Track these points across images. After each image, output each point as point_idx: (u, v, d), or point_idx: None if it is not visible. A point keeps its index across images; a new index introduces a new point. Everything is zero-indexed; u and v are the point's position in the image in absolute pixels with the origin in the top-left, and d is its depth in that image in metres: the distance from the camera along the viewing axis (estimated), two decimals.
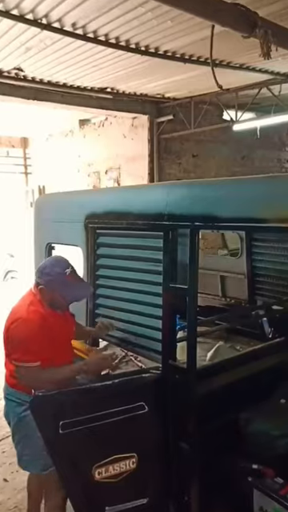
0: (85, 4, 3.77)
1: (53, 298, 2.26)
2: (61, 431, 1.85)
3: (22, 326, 2.14)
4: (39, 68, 5.66)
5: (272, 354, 2.62)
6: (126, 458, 1.94)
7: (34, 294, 2.29)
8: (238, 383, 2.27)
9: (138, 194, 2.76)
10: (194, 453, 2.01)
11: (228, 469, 2.04)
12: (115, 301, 2.63)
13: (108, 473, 1.93)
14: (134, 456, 1.95)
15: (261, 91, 6.78)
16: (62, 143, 10.35)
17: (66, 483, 1.99)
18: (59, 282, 2.24)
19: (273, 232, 3.02)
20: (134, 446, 1.94)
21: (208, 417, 2.04)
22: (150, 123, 7.96)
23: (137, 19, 4.04)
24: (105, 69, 5.67)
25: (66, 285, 2.25)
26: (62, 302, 2.31)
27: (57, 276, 2.24)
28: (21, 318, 2.16)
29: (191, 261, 2.12)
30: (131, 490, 1.97)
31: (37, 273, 2.32)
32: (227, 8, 2.81)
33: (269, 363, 2.52)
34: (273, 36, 2.72)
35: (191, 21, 3.95)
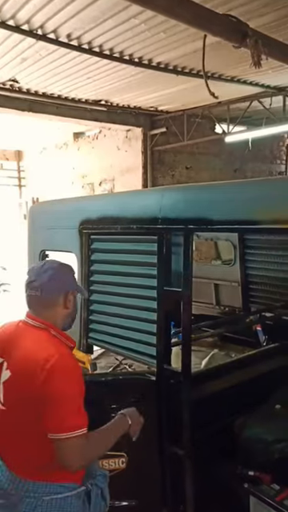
0: (79, 15, 3.85)
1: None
2: None
3: (63, 375, 1.45)
4: (34, 79, 5.73)
5: (266, 360, 2.61)
6: (116, 457, 1.92)
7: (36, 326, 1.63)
8: (232, 389, 2.25)
9: (132, 198, 2.77)
10: (188, 458, 1.98)
11: (224, 475, 2.00)
12: (110, 306, 2.61)
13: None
14: (123, 456, 1.92)
15: (252, 104, 6.92)
16: (56, 156, 10.42)
17: None
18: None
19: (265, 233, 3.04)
20: (124, 446, 1.90)
21: (203, 422, 2.02)
22: (143, 135, 8.07)
23: (130, 30, 4.13)
24: (99, 81, 5.75)
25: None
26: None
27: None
28: (55, 364, 1.44)
29: (185, 264, 2.12)
30: (119, 489, 1.92)
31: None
32: (219, 18, 2.89)
33: (263, 369, 2.51)
34: (263, 46, 2.79)
35: (183, 32, 4.05)
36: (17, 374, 1.51)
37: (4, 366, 1.57)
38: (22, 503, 1.49)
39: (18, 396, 1.50)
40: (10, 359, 1.56)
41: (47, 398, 1.41)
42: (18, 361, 1.52)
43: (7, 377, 1.53)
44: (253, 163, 9.52)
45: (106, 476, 1.69)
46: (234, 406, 2.13)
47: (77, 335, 2.88)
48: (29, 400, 1.46)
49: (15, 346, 1.57)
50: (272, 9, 3.70)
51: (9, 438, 1.56)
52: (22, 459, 1.52)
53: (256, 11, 3.69)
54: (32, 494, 1.49)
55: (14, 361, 1.54)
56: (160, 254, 2.21)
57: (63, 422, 1.41)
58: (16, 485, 1.50)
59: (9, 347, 1.59)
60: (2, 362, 1.59)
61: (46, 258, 3.45)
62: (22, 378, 1.48)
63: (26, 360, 1.49)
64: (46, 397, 1.41)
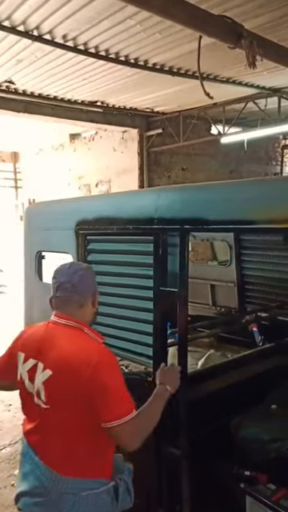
0: (75, 16, 3.85)
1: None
2: None
3: (108, 369, 1.54)
4: (30, 81, 5.73)
5: (262, 360, 2.61)
6: None
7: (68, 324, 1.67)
8: (228, 389, 2.25)
9: (128, 199, 2.77)
10: (184, 459, 1.97)
11: (220, 475, 2.00)
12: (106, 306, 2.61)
13: None
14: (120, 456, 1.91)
15: (247, 106, 6.95)
16: (52, 157, 10.41)
17: None
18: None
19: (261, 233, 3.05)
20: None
21: (199, 422, 2.02)
22: (139, 137, 8.08)
23: (126, 31, 4.14)
24: (95, 82, 5.76)
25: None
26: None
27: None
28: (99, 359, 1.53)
29: (181, 264, 2.12)
30: None
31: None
32: (214, 19, 2.90)
33: (259, 369, 2.51)
34: (258, 47, 2.80)
35: (179, 33, 4.07)
36: (59, 372, 1.53)
37: (39, 366, 1.59)
38: (62, 500, 1.53)
39: (62, 394, 1.53)
40: (46, 360, 1.58)
41: (98, 392, 1.48)
42: (58, 360, 1.55)
43: (47, 376, 1.55)
44: (248, 164, 9.56)
45: (131, 471, 1.74)
46: (231, 406, 2.13)
47: None
48: (75, 396, 1.50)
49: (51, 346, 1.59)
50: (267, 10, 3.72)
51: (50, 436, 1.58)
52: (63, 456, 1.56)
53: (251, 12, 3.71)
54: (71, 490, 1.53)
55: (52, 360, 1.56)
56: (156, 254, 2.21)
57: (118, 409, 1.49)
58: (56, 482, 1.54)
59: (43, 348, 1.61)
60: (36, 363, 1.60)
61: (42, 259, 3.45)
62: (65, 376, 1.52)
63: (68, 359, 1.53)
64: (97, 391, 1.48)
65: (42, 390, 1.56)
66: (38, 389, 1.58)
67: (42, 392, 1.56)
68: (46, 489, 1.55)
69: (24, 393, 1.67)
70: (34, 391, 1.60)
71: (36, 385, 1.59)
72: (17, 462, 3.48)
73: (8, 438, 3.90)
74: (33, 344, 1.66)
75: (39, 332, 1.69)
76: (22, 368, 1.66)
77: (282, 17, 3.89)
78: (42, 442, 1.60)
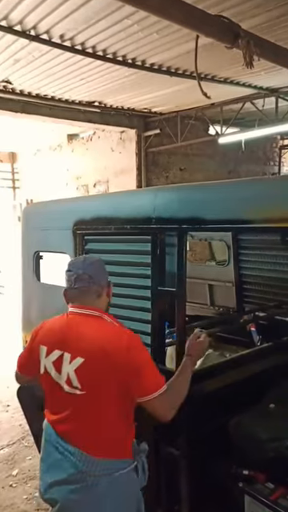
0: (72, 15, 3.85)
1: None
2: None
3: (139, 349, 1.66)
4: (27, 81, 5.72)
5: (260, 360, 2.61)
6: None
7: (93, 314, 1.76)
8: (227, 388, 2.25)
9: (126, 199, 2.77)
10: (183, 458, 1.97)
11: (218, 474, 1.99)
12: None
13: None
14: None
15: (245, 106, 6.96)
16: (50, 157, 10.40)
17: None
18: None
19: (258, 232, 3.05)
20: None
21: (197, 422, 2.01)
22: (137, 137, 8.08)
23: (123, 31, 4.14)
24: (92, 82, 5.75)
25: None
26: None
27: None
28: (130, 342, 1.65)
29: (179, 264, 2.12)
30: None
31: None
32: (211, 19, 2.90)
33: (257, 368, 2.51)
34: (255, 46, 2.80)
35: (176, 33, 4.07)
36: (92, 358, 1.61)
37: (66, 356, 1.66)
38: (98, 482, 1.61)
39: (97, 378, 1.62)
40: (74, 349, 1.64)
41: (133, 371, 1.60)
42: (89, 347, 1.62)
43: (79, 364, 1.62)
44: (246, 165, 9.56)
45: (147, 450, 1.82)
46: (229, 406, 2.13)
47: None
48: (110, 379, 1.60)
49: (76, 335, 1.67)
50: (264, 10, 3.72)
51: (83, 421, 1.66)
52: (96, 440, 1.65)
53: (248, 12, 3.71)
54: (105, 471, 1.62)
55: (83, 348, 1.63)
56: (154, 253, 2.21)
57: (152, 384, 1.62)
58: (92, 465, 1.62)
59: (67, 339, 1.68)
60: (62, 353, 1.67)
61: (40, 260, 3.45)
62: (100, 361, 1.60)
63: (100, 345, 1.62)
64: (133, 370, 1.60)
65: (74, 377, 1.63)
66: (70, 377, 1.64)
67: (75, 379, 1.63)
68: (83, 474, 1.61)
69: (50, 384, 1.72)
70: (62, 381, 1.66)
71: (65, 374, 1.65)
72: (15, 463, 3.49)
73: (6, 439, 3.89)
74: (55, 336, 1.72)
75: (59, 324, 1.76)
76: (45, 360, 1.71)
77: (279, 17, 3.89)
78: (75, 429, 1.66)
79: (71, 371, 1.64)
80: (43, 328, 1.82)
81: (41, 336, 1.79)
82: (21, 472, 3.35)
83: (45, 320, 1.88)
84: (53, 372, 1.69)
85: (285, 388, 2.33)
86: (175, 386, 1.73)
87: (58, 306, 3.09)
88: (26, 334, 3.52)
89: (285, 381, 2.37)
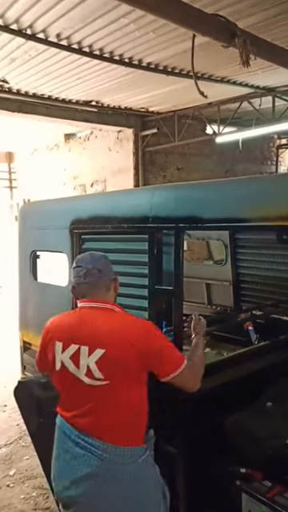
0: (69, 14, 3.84)
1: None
2: (42, 419, 1.89)
3: (155, 333, 1.74)
4: (24, 80, 5.70)
5: (257, 358, 2.62)
6: None
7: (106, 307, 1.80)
8: (224, 387, 2.25)
9: (123, 198, 2.77)
10: (181, 457, 1.97)
11: (216, 473, 2.00)
12: None
13: None
14: None
15: (242, 105, 6.97)
16: (47, 157, 10.38)
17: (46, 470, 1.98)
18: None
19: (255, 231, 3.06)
20: None
21: (195, 420, 2.01)
22: (134, 136, 8.08)
23: (120, 30, 4.14)
24: (89, 81, 5.74)
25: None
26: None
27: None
28: (146, 328, 1.73)
29: (176, 262, 2.12)
30: None
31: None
32: (208, 18, 2.90)
33: (254, 367, 2.51)
34: (251, 45, 2.81)
35: (173, 33, 4.07)
36: (113, 348, 1.65)
37: (83, 349, 1.67)
38: (126, 470, 1.65)
39: (119, 367, 1.65)
40: (90, 341, 1.67)
41: (155, 354, 1.67)
42: (106, 338, 1.66)
43: (100, 355, 1.64)
44: (244, 164, 9.58)
45: (154, 437, 1.87)
46: (226, 404, 2.13)
47: None
48: (131, 367, 1.66)
49: (92, 328, 1.70)
50: (260, 9, 3.73)
51: (108, 410, 1.68)
52: (119, 429, 1.69)
53: (244, 11, 3.71)
54: (130, 459, 1.67)
55: (100, 340, 1.66)
56: (151, 252, 2.21)
57: (175, 362, 1.70)
58: (117, 455, 1.66)
59: (83, 332, 1.70)
60: (79, 347, 1.68)
61: (36, 259, 3.44)
62: (121, 351, 1.64)
63: (119, 335, 1.67)
64: (154, 353, 1.67)
65: (95, 369, 1.65)
66: (90, 369, 1.66)
67: (97, 370, 1.65)
68: (110, 465, 1.64)
69: (68, 380, 1.71)
70: (82, 374, 1.67)
71: (84, 367, 1.66)
72: (12, 463, 3.48)
73: (3, 439, 3.88)
74: (70, 331, 1.74)
75: (72, 319, 1.79)
76: (62, 356, 1.72)
77: (275, 16, 3.89)
78: (97, 421, 1.68)
79: (91, 363, 1.66)
80: (53, 324, 1.84)
81: (53, 332, 1.80)
82: (18, 472, 3.34)
83: (53, 317, 1.89)
84: (71, 367, 1.70)
85: (282, 386, 2.33)
86: (194, 359, 1.82)
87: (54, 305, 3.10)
88: (23, 332, 3.52)
89: (282, 379, 2.38)
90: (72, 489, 1.67)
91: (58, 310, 3.03)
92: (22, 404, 2.12)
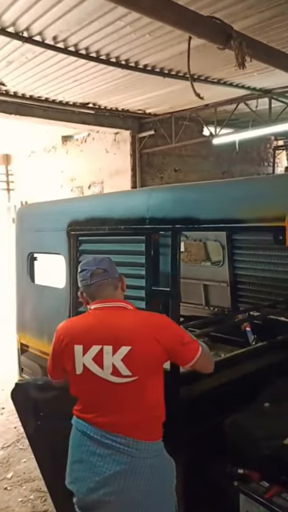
0: (65, 17, 3.85)
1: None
2: (39, 422, 1.87)
3: (172, 324, 1.81)
4: (21, 82, 5.71)
5: (255, 359, 2.62)
6: None
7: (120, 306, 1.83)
8: (222, 388, 2.25)
9: (120, 199, 2.77)
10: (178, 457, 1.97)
11: (213, 474, 2.00)
12: None
13: None
14: None
15: (239, 107, 6.99)
16: (44, 159, 10.38)
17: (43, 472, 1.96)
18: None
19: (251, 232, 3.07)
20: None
21: (192, 421, 2.01)
22: (131, 138, 8.09)
23: (116, 33, 4.15)
24: (86, 83, 5.75)
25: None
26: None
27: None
28: (163, 320, 1.82)
29: (173, 263, 2.12)
30: None
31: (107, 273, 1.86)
32: (203, 20, 2.92)
33: (252, 367, 2.52)
34: (247, 47, 2.82)
35: (169, 35, 4.08)
36: (138, 344, 1.69)
37: (106, 349, 1.69)
38: (154, 464, 1.69)
39: (146, 360, 1.70)
40: (112, 341, 1.69)
41: (177, 344, 1.74)
42: (130, 335, 1.70)
43: (126, 352, 1.67)
44: (241, 165, 9.61)
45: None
46: (224, 405, 2.14)
47: None
48: (158, 358, 1.72)
49: (111, 328, 1.73)
50: (256, 11, 3.74)
51: (135, 406, 1.71)
52: (147, 423, 1.72)
53: (240, 13, 3.73)
54: (157, 452, 1.72)
55: (123, 337, 1.69)
56: (148, 253, 2.21)
57: (193, 347, 1.77)
58: (146, 450, 1.70)
59: (103, 332, 1.72)
60: (101, 347, 1.70)
61: (34, 261, 3.44)
62: (146, 345, 1.69)
63: (140, 330, 1.73)
64: (176, 343, 1.74)
65: (122, 366, 1.68)
66: (116, 367, 1.68)
67: (124, 368, 1.68)
68: (140, 460, 1.67)
69: (92, 381, 1.72)
70: (107, 374, 1.69)
71: (109, 366, 1.69)
72: (10, 466, 3.47)
73: (1, 442, 3.87)
74: (89, 333, 1.74)
75: (88, 321, 1.79)
76: (84, 359, 1.71)
77: (271, 18, 3.91)
78: (123, 418, 1.70)
79: (117, 361, 1.68)
80: (67, 329, 1.82)
81: (69, 337, 1.77)
82: (16, 475, 3.33)
83: (62, 324, 1.86)
84: (95, 368, 1.71)
85: (279, 387, 2.34)
86: (202, 345, 1.87)
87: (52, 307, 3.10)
88: (20, 335, 3.51)
89: (279, 380, 2.38)
90: (100, 489, 1.66)
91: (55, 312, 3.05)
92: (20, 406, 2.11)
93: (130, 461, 1.67)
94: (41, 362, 3.22)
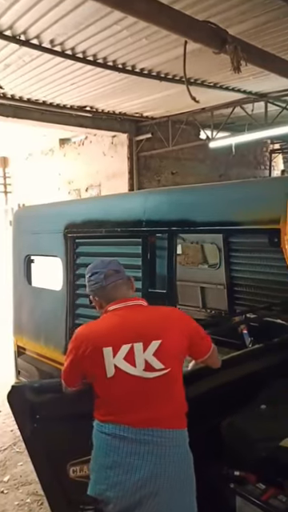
0: (62, 21, 3.87)
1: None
2: (36, 425, 1.87)
3: (188, 316, 1.91)
4: (18, 85, 5.72)
5: (251, 361, 2.63)
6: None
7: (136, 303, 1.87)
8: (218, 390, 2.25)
9: (117, 202, 2.79)
10: None
11: (210, 476, 1.99)
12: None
13: (83, 472, 1.90)
14: None
15: (235, 110, 7.03)
16: (42, 162, 10.39)
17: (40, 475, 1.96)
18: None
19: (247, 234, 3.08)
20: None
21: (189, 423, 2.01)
22: (129, 141, 8.11)
23: (113, 37, 4.17)
24: (83, 86, 5.77)
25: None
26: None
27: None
28: (182, 313, 1.93)
29: (169, 265, 2.14)
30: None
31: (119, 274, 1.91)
32: (199, 25, 2.94)
33: (248, 369, 2.52)
34: (242, 51, 2.85)
35: (165, 39, 4.11)
36: (167, 337, 1.74)
37: (137, 346, 1.71)
38: (187, 450, 1.75)
39: (175, 351, 1.76)
40: (142, 337, 1.72)
41: (197, 335, 1.82)
42: (157, 329, 1.75)
43: (157, 346, 1.71)
44: (237, 169, 9.64)
45: None
46: (220, 407, 2.14)
47: (62, 339, 2.87)
48: (184, 349, 1.79)
49: (136, 325, 1.75)
50: (251, 16, 3.78)
51: (169, 397, 1.75)
52: (179, 412, 1.77)
53: (235, 18, 3.76)
54: (186, 440, 1.77)
55: (152, 333, 1.73)
56: (144, 256, 2.23)
57: (209, 341, 1.86)
58: (181, 438, 1.75)
59: (129, 331, 1.74)
60: (132, 345, 1.71)
61: (31, 263, 3.44)
62: (174, 337, 1.75)
63: (164, 323, 1.78)
64: (196, 334, 1.82)
65: (155, 360, 1.71)
66: (149, 363, 1.71)
67: (157, 362, 1.71)
68: (178, 449, 1.73)
69: (124, 381, 1.71)
70: (140, 370, 1.71)
71: (142, 363, 1.71)
72: (6, 469, 3.46)
73: None
74: (116, 334, 1.74)
75: (113, 323, 1.78)
76: (114, 360, 1.70)
77: (265, 23, 3.95)
78: (158, 412, 1.72)
79: (149, 356, 1.70)
80: (90, 334, 1.77)
81: (95, 341, 1.73)
82: (12, 478, 3.32)
83: (81, 329, 1.82)
84: (127, 367, 1.71)
85: (276, 389, 2.34)
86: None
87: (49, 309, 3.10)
88: (17, 337, 3.51)
89: (276, 382, 2.39)
90: (142, 488, 1.66)
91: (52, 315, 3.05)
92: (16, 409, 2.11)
93: (167, 451, 1.71)
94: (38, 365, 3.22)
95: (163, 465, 1.70)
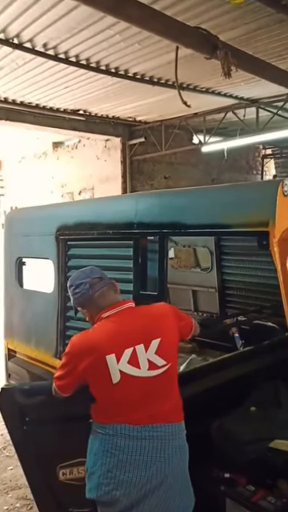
0: (55, 25, 3.89)
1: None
2: (25, 427, 1.85)
3: (173, 307, 2.01)
4: (12, 88, 5.73)
5: (241, 363, 2.64)
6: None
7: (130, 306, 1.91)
8: (208, 392, 2.26)
9: (108, 204, 2.79)
10: None
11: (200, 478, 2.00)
12: None
13: (72, 475, 1.90)
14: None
15: (227, 116, 7.10)
16: (35, 165, 10.38)
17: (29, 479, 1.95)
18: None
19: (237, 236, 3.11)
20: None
21: None
22: (122, 145, 8.15)
23: (106, 41, 4.20)
24: (77, 90, 5.80)
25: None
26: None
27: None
28: (167, 306, 2.01)
29: (160, 268, 2.15)
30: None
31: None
32: (190, 31, 2.98)
33: (238, 372, 2.53)
34: (232, 57, 2.89)
35: (157, 44, 4.15)
36: (164, 333, 1.80)
37: (139, 348, 1.73)
38: (177, 444, 1.77)
39: (172, 347, 1.82)
40: (142, 338, 1.75)
41: (180, 323, 1.90)
42: (154, 328, 1.80)
43: (158, 344, 1.75)
44: (230, 173, 9.72)
45: None
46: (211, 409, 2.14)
47: (53, 341, 2.86)
48: (177, 340, 1.86)
49: (133, 328, 1.78)
50: (241, 23, 3.83)
51: (171, 391, 1.80)
52: (179, 404, 1.82)
53: (226, 25, 3.82)
54: (181, 433, 1.80)
55: (150, 332, 1.78)
56: (136, 258, 2.23)
57: (189, 320, 1.99)
58: (182, 430, 1.80)
59: (128, 335, 1.76)
60: (134, 348, 1.73)
61: (22, 266, 3.43)
62: (170, 333, 1.82)
63: (159, 321, 1.83)
64: (180, 322, 1.90)
65: (157, 358, 1.75)
66: (152, 361, 1.74)
67: (159, 359, 1.75)
68: (175, 440, 1.76)
69: (130, 385, 1.72)
70: (144, 371, 1.73)
71: (145, 363, 1.73)
72: None
73: None
74: (117, 340, 1.74)
75: (110, 329, 1.77)
76: (119, 366, 1.70)
77: (255, 30, 4.01)
78: (161, 408, 1.76)
79: (151, 355, 1.74)
80: (90, 345, 1.74)
81: (96, 351, 1.71)
82: (2, 482, 3.28)
83: (76, 339, 1.80)
84: (132, 370, 1.72)
85: (265, 391, 2.35)
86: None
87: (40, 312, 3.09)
88: (8, 340, 3.48)
89: (266, 384, 2.40)
90: (148, 483, 1.69)
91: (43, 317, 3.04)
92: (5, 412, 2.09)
93: (169, 444, 1.74)
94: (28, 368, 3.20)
95: (167, 458, 1.74)
